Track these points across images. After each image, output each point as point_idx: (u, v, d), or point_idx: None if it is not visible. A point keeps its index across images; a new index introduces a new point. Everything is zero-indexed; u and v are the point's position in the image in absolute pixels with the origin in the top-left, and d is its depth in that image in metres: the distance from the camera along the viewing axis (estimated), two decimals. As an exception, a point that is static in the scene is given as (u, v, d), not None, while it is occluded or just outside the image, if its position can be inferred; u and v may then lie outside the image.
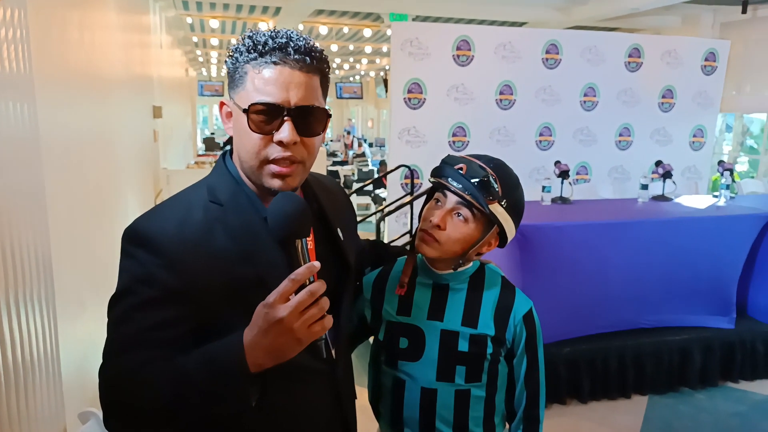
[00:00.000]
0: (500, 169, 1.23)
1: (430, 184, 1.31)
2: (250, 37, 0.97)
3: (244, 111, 0.95)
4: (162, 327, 0.93)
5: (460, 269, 1.28)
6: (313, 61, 0.97)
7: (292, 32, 0.98)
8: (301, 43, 0.96)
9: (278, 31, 0.97)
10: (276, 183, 0.99)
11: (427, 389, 1.27)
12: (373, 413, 1.43)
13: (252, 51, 0.95)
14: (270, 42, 0.95)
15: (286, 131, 0.95)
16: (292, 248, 0.91)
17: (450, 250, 1.23)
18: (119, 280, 0.97)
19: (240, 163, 1.02)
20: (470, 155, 1.25)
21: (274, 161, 0.97)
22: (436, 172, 1.26)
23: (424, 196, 1.34)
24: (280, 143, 0.96)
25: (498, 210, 1.20)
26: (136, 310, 0.93)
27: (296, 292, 0.86)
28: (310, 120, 0.98)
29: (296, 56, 0.95)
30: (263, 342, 0.86)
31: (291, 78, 0.95)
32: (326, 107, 1.02)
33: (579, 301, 3.42)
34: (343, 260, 1.15)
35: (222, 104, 1.03)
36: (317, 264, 0.87)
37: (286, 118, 0.95)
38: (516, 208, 1.24)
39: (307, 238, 0.95)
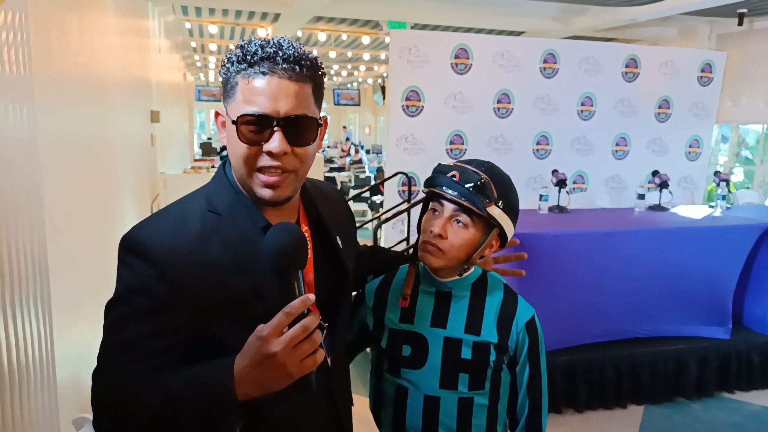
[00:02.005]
0: (492, 171, 1.24)
1: (424, 195, 1.31)
2: (241, 47, 0.96)
3: (233, 122, 0.95)
4: (154, 337, 0.93)
5: (465, 274, 1.29)
6: (303, 70, 0.96)
7: (283, 41, 0.97)
8: (290, 51, 0.95)
9: (269, 41, 0.96)
10: (266, 193, 0.99)
11: (430, 397, 1.27)
12: (375, 422, 1.42)
13: (242, 62, 0.95)
14: (260, 52, 0.94)
15: (275, 141, 0.94)
16: (288, 279, 0.90)
17: (455, 257, 1.24)
18: (116, 287, 0.97)
19: (233, 171, 1.02)
20: (460, 161, 1.26)
21: (263, 170, 0.97)
22: (430, 182, 1.27)
23: (421, 207, 1.34)
24: (269, 153, 0.96)
25: (496, 212, 1.21)
26: (128, 319, 0.93)
27: (290, 325, 0.86)
28: (300, 129, 0.97)
29: (285, 65, 0.94)
30: (253, 374, 0.87)
31: (279, 88, 0.94)
32: (320, 115, 1.02)
33: (576, 310, 3.42)
34: (341, 267, 1.15)
35: (217, 114, 1.03)
36: (312, 297, 0.87)
37: (275, 128, 0.94)
38: (512, 208, 1.26)
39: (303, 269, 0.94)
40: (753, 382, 3.69)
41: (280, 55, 0.94)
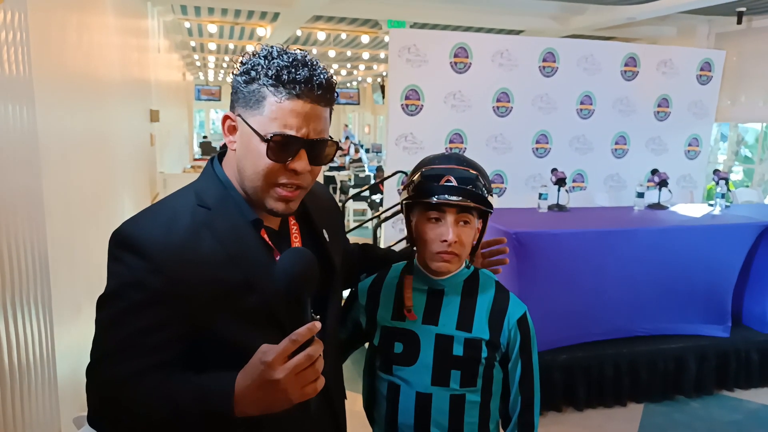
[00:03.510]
0: (473, 164, 1.28)
1: (412, 202, 1.29)
2: (267, 58, 0.96)
3: (265, 140, 0.96)
4: (151, 331, 0.94)
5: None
6: (330, 96, 0.99)
7: (312, 62, 0.98)
8: (323, 77, 0.97)
9: (296, 58, 0.97)
10: (279, 206, 1.01)
11: (422, 394, 1.27)
12: (368, 420, 1.42)
13: (273, 77, 0.95)
14: (293, 71, 0.95)
15: (302, 162, 0.98)
16: (299, 304, 0.92)
17: (465, 255, 1.29)
18: (108, 283, 0.97)
19: (242, 179, 1.02)
20: (442, 161, 1.27)
21: (282, 185, 0.99)
22: (425, 193, 1.25)
23: (404, 213, 1.34)
24: (293, 171, 0.98)
25: (492, 200, 1.27)
26: (125, 314, 0.94)
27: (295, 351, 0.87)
28: (321, 151, 1.01)
29: (320, 92, 0.96)
30: (254, 395, 0.88)
31: (313, 112, 0.97)
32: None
33: (575, 308, 3.43)
34: (329, 262, 1.16)
35: (226, 117, 1.02)
36: (318, 324, 0.88)
37: (302, 149, 0.98)
38: (491, 190, 1.31)
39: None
40: (752, 380, 3.70)
41: (315, 79, 0.96)
